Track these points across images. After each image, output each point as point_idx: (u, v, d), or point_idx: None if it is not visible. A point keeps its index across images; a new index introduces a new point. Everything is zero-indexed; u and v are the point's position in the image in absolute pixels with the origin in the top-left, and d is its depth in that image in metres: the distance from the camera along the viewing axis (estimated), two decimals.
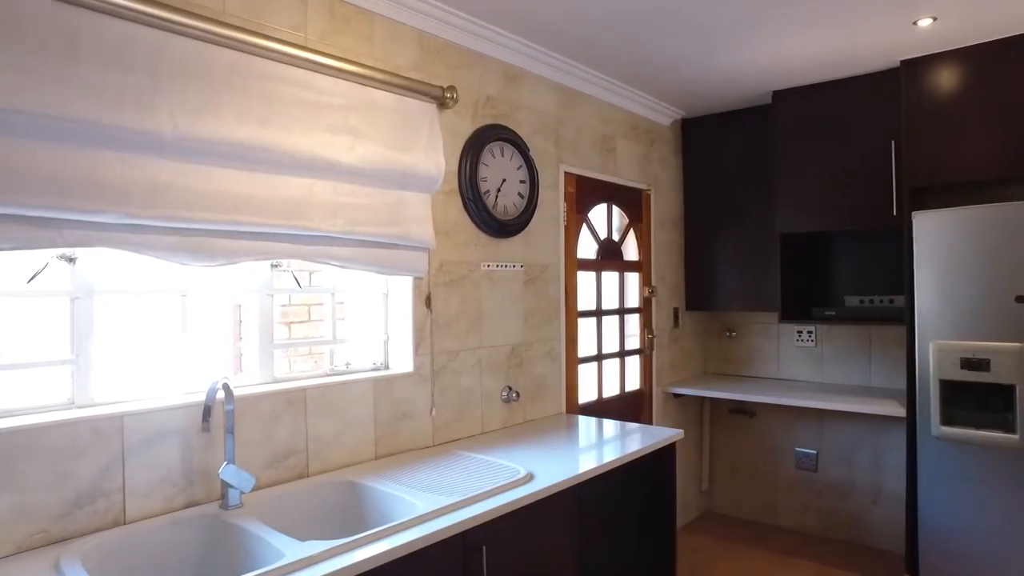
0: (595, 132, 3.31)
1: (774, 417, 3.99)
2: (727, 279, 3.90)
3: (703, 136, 3.99)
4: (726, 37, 2.77)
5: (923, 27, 2.70)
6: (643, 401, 3.67)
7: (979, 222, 2.74)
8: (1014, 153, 2.80)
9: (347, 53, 2.15)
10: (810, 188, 3.42)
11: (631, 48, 2.88)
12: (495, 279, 2.69)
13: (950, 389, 2.83)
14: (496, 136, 2.65)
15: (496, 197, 2.66)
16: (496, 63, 2.72)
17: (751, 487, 4.10)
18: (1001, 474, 2.70)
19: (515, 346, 2.78)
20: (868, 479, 3.68)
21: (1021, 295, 2.65)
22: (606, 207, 3.43)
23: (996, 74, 2.84)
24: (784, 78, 3.33)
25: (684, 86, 3.43)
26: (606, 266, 3.39)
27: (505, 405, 2.73)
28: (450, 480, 1.95)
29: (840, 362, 3.77)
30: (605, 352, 3.39)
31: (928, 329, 2.86)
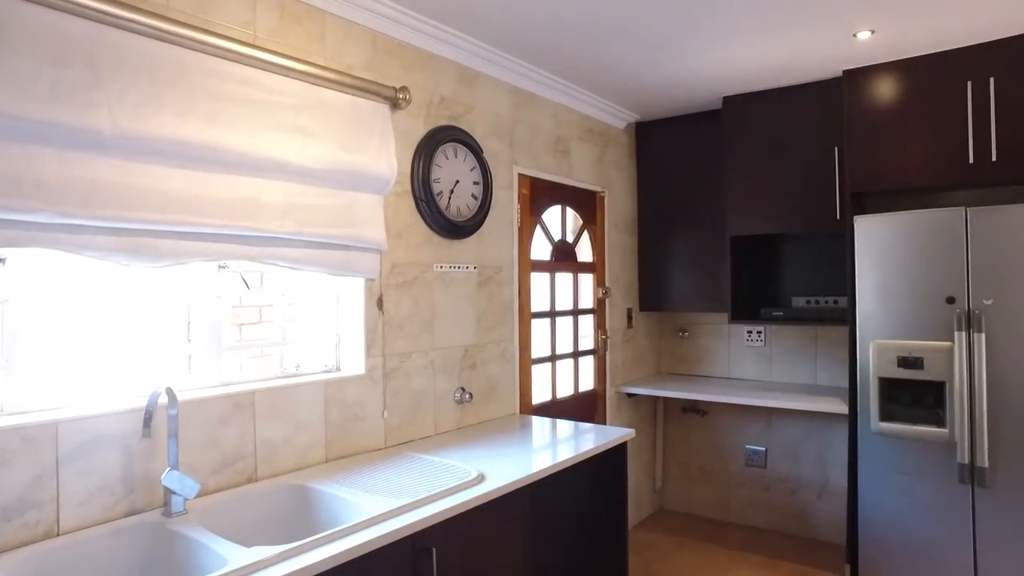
0: (550, 134, 3.33)
1: (725, 415, 4.08)
2: (680, 280, 3.97)
3: (657, 139, 4.05)
4: (677, 44, 2.82)
5: (862, 39, 2.80)
6: (597, 401, 3.71)
7: (914, 227, 2.85)
8: (946, 162, 2.92)
9: (298, 52, 2.12)
10: (759, 191, 3.51)
11: (584, 52, 2.91)
12: (448, 280, 2.69)
13: (888, 386, 2.93)
14: (449, 137, 2.65)
15: (449, 198, 2.66)
16: (450, 64, 2.72)
17: (703, 484, 4.18)
18: (933, 467, 2.81)
19: (468, 347, 2.79)
20: (814, 474, 3.79)
21: (951, 296, 2.76)
22: (560, 209, 3.45)
23: (930, 86, 2.96)
24: (734, 84, 3.41)
25: (638, 90, 3.48)
26: (560, 267, 3.42)
27: (458, 406, 2.73)
28: (401, 482, 1.94)
29: (788, 361, 3.88)
30: (559, 353, 3.41)
31: (868, 329, 2.96)
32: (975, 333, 2.72)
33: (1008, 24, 2.68)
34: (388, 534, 1.59)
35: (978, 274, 2.72)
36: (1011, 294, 2.66)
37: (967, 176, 2.88)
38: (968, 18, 2.60)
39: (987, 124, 2.83)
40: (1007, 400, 2.67)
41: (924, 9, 2.51)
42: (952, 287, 2.77)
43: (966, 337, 2.74)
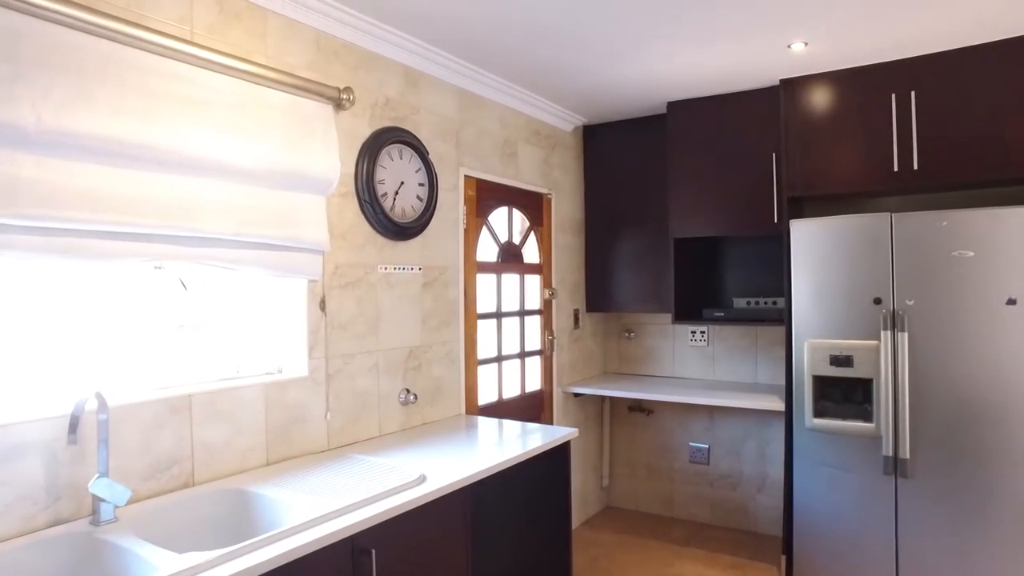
0: (496, 136, 3.36)
1: (670, 414, 4.17)
2: (625, 281, 4.04)
3: (604, 142, 4.12)
4: (622, 49, 2.88)
5: (796, 51, 2.90)
6: (544, 401, 3.75)
7: (844, 231, 2.97)
8: (874, 169, 3.05)
9: (237, 50, 2.09)
10: (701, 195, 3.60)
11: (531, 55, 2.94)
12: (392, 282, 2.68)
13: (821, 384, 3.05)
14: (394, 138, 2.64)
15: (394, 200, 2.65)
16: (395, 65, 2.72)
17: (649, 481, 4.27)
18: (861, 460, 2.94)
19: (413, 348, 2.79)
20: (754, 469, 3.91)
21: (878, 297, 2.89)
22: (507, 210, 3.48)
23: (859, 98, 3.09)
24: (678, 90, 3.49)
25: (585, 93, 3.53)
26: (506, 269, 3.45)
27: (403, 407, 2.73)
28: (342, 484, 1.93)
29: (730, 360, 3.99)
30: (505, 353, 3.44)
31: (803, 329, 3.07)
32: (899, 332, 2.85)
33: (927, 42, 2.82)
34: (326, 536, 1.59)
35: (902, 276, 2.86)
36: (931, 295, 2.80)
37: (892, 183, 3.02)
38: (891, 35, 2.73)
39: (909, 135, 2.97)
40: (927, 395, 2.81)
41: (852, 24, 2.62)
42: (879, 289, 2.90)
43: (891, 336, 2.87)
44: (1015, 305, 2.68)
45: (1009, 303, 2.69)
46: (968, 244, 2.75)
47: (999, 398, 2.70)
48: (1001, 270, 2.69)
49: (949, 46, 2.89)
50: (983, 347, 2.72)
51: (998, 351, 2.70)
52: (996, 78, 2.83)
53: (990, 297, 2.71)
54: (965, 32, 2.75)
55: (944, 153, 2.92)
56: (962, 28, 2.70)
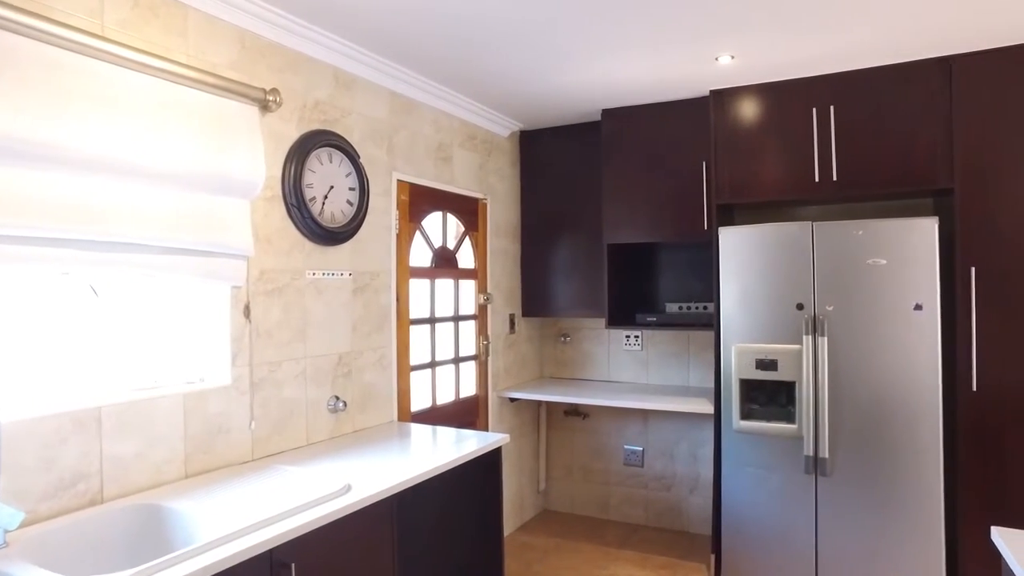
0: (431, 141, 3.34)
1: (605, 418, 4.22)
2: (561, 286, 4.07)
3: (540, 148, 4.14)
4: (556, 57, 2.90)
5: (724, 64, 2.99)
6: (479, 406, 3.74)
7: (769, 238, 3.07)
8: (796, 179, 3.17)
9: (154, 47, 2.01)
10: (634, 202, 3.66)
11: (465, 60, 2.94)
12: (321, 287, 2.63)
13: (748, 387, 3.14)
14: (324, 142, 2.59)
15: (323, 204, 2.60)
16: (325, 67, 2.67)
17: (585, 484, 4.31)
18: (784, 460, 3.04)
19: (343, 355, 2.74)
20: (687, 471, 3.99)
21: (800, 303, 3.00)
22: (441, 215, 3.46)
23: (783, 110, 3.20)
24: (613, 98, 3.54)
25: (520, 100, 3.54)
26: (440, 274, 3.43)
27: (332, 415, 2.67)
28: (263, 496, 1.88)
29: (663, 364, 4.07)
30: (439, 359, 3.42)
31: (731, 333, 3.16)
32: (819, 337, 2.96)
33: (844, 60, 2.94)
34: (243, 551, 1.54)
35: (822, 283, 2.97)
36: (848, 301, 2.92)
37: (814, 193, 3.14)
38: (812, 52, 2.84)
39: (829, 147, 3.10)
40: (844, 396, 2.93)
41: (775, 41, 2.71)
42: (801, 295, 3.01)
43: (812, 341, 2.98)
44: (921, 311, 2.82)
45: (916, 308, 2.83)
46: (881, 252, 2.88)
47: (908, 398, 2.83)
48: (910, 277, 2.83)
49: (864, 65, 3.02)
50: (894, 350, 2.85)
51: (907, 354, 2.83)
52: (903, 97, 2.98)
53: (900, 303, 2.85)
54: (877, 53, 2.88)
55: (860, 165, 3.06)
56: (874, 49, 2.83)
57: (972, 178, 2.87)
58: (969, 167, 2.88)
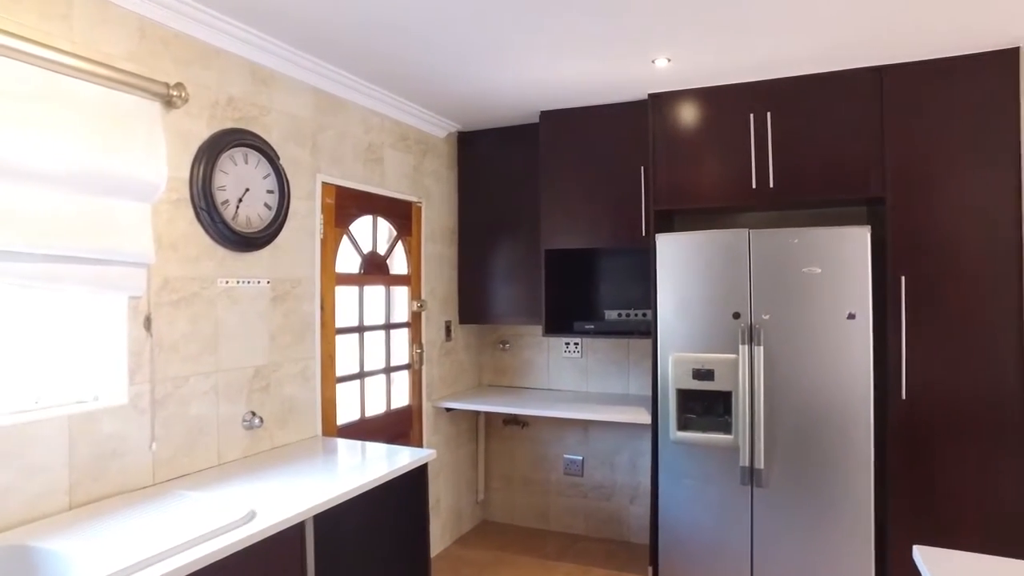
0: (360, 141, 3.19)
1: (545, 427, 4.14)
2: (500, 292, 3.96)
3: (479, 150, 4.03)
4: (491, 56, 2.79)
5: (661, 67, 2.93)
6: (412, 417, 3.60)
7: (706, 246, 3.02)
8: (734, 186, 3.14)
9: (32, 32, 1.82)
10: (572, 207, 3.58)
11: (396, 59, 2.80)
12: (236, 296, 2.46)
13: (685, 397, 3.09)
14: (238, 141, 2.43)
15: (237, 208, 2.43)
16: (240, 61, 2.50)
17: (525, 494, 4.21)
18: (721, 471, 3.00)
19: (260, 368, 2.57)
20: (627, 480, 3.93)
21: (737, 312, 2.96)
22: (371, 219, 3.32)
23: (721, 115, 3.17)
24: (551, 99, 3.45)
25: (457, 100, 3.43)
26: (370, 280, 3.28)
27: (248, 432, 2.50)
28: (155, 527, 1.71)
29: (603, 372, 4.00)
30: (369, 369, 3.27)
31: (668, 342, 3.10)
32: (755, 346, 2.93)
33: (781, 67, 2.92)
34: None
35: (759, 291, 2.94)
36: (784, 310, 2.89)
37: (751, 200, 3.11)
38: (749, 57, 2.80)
39: (766, 154, 3.07)
40: (780, 407, 2.90)
41: (711, 45, 2.66)
42: (738, 303, 2.97)
43: (748, 350, 2.94)
44: (855, 319, 2.81)
45: (849, 317, 2.82)
46: (816, 261, 2.87)
47: (841, 407, 2.82)
48: (843, 286, 2.82)
49: (800, 72, 3.00)
50: (828, 359, 2.84)
51: (840, 363, 2.82)
52: (838, 106, 2.98)
53: (834, 312, 2.84)
54: (813, 60, 2.86)
55: (796, 173, 3.04)
56: (810, 57, 2.81)
57: (903, 187, 2.88)
58: (900, 176, 2.88)
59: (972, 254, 2.78)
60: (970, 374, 2.77)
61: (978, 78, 2.78)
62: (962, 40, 2.67)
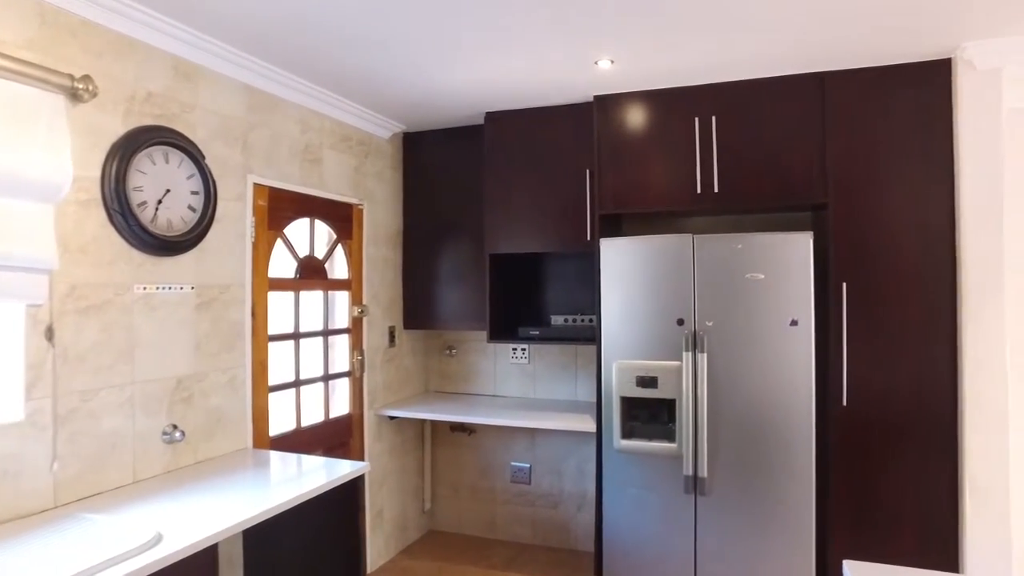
0: (296, 141, 3.06)
1: (491, 434, 4.06)
2: (447, 297, 3.87)
3: (425, 151, 3.93)
4: (434, 55, 2.70)
5: (604, 68, 2.87)
6: (353, 426, 3.48)
7: (650, 251, 2.98)
8: (679, 190, 3.10)
9: None
10: (517, 210, 3.51)
11: (335, 57, 2.70)
12: (155, 303, 2.32)
13: (629, 405, 3.04)
14: (157, 139, 2.29)
15: (157, 209, 2.30)
16: (161, 55, 2.36)
17: (472, 503, 4.13)
18: (665, 480, 2.96)
19: (183, 378, 2.43)
20: (574, 488, 3.88)
21: (681, 318, 2.93)
22: (309, 222, 3.19)
23: (666, 119, 3.13)
24: (497, 100, 3.37)
25: (401, 100, 3.32)
26: (307, 285, 3.16)
27: (168, 447, 2.37)
28: (48, 557, 1.58)
29: (550, 378, 3.94)
30: (306, 377, 3.15)
31: (612, 349, 3.05)
32: (699, 353, 2.90)
33: (726, 70, 2.89)
34: None
35: (703, 297, 2.91)
36: (728, 316, 2.87)
37: (696, 204, 3.08)
38: (693, 60, 2.76)
39: (711, 158, 3.04)
40: (723, 415, 2.87)
41: (654, 47, 2.62)
42: (682, 310, 2.93)
43: (692, 357, 2.91)
44: (797, 326, 2.80)
45: (792, 324, 2.80)
46: (759, 267, 2.85)
47: (783, 415, 2.80)
48: (786, 292, 2.81)
49: (745, 76, 2.99)
50: (771, 367, 2.82)
51: (783, 370, 2.81)
52: (781, 111, 2.97)
53: (777, 318, 2.82)
54: (757, 65, 2.84)
55: (740, 177, 3.02)
56: (754, 61, 2.79)
57: (844, 194, 2.88)
58: (841, 183, 2.88)
59: (910, 260, 2.79)
60: (908, 379, 2.78)
61: (915, 87, 2.80)
62: (899, 49, 2.68)
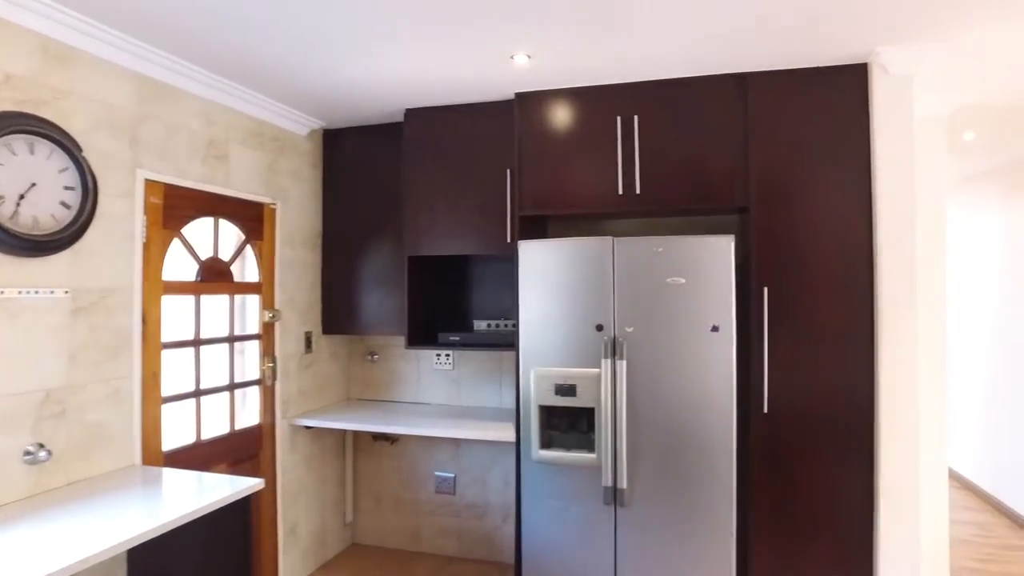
0: (199, 136, 2.87)
1: (415, 443, 3.91)
2: (369, 301, 3.71)
3: (347, 149, 3.77)
4: (346, 46, 2.55)
5: (521, 64, 2.77)
6: (263, 437, 3.29)
7: (569, 254, 2.89)
8: (601, 191, 3.02)
9: None
10: (437, 211, 3.38)
11: (238, 47, 2.54)
12: (16, 309, 2.11)
13: (548, 414, 2.94)
14: (19, 127, 2.08)
15: (18, 206, 2.09)
16: (25, 34, 2.15)
17: (395, 514, 3.97)
18: (584, 491, 2.86)
19: (53, 391, 2.23)
20: (500, 498, 3.76)
21: (600, 324, 2.84)
22: (213, 222, 3.00)
23: (589, 118, 3.04)
24: (418, 96, 3.24)
25: (316, 95, 3.16)
26: (210, 289, 2.96)
27: (31, 468, 2.15)
28: None
29: (475, 384, 3.82)
30: (208, 386, 2.95)
31: (530, 355, 2.95)
32: (618, 360, 2.81)
33: (649, 68, 2.82)
34: None
35: (622, 302, 2.82)
36: (648, 322, 2.79)
37: (618, 206, 3.00)
38: (613, 57, 2.68)
39: (633, 158, 2.97)
40: (643, 423, 2.79)
41: (571, 42, 2.52)
42: (601, 315, 2.85)
43: (611, 364, 2.82)
44: (718, 332, 2.74)
45: (713, 330, 2.74)
46: (680, 271, 2.78)
47: (704, 423, 2.74)
48: (707, 297, 2.74)
49: (667, 76, 2.92)
50: (691, 374, 2.75)
51: (704, 378, 2.74)
52: (704, 111, 2.91)
53: (698, 324, 2.75)
54: (679, 64, 2.78)
55: (663, 179, 2.95)
56: (676, 60, 2.73)
57: (766, 197, 2.84)
58: (763, 186, 2.84)
59: (830, 265, 2.76)
60: (828, 386, 2.75)
61: (834, 90, 2.77)
62: (818, 52, 2.64)
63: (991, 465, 4.95)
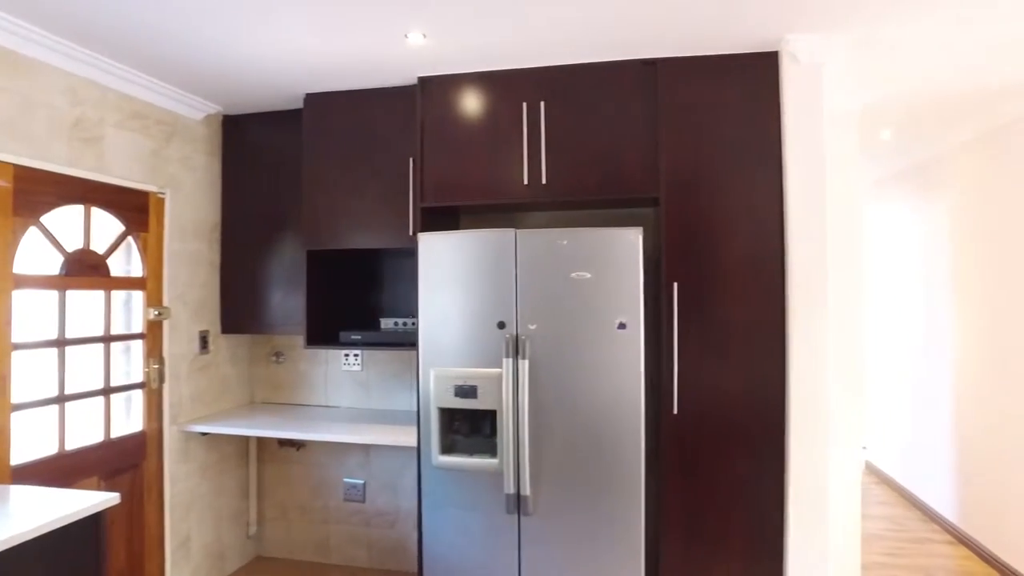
0: (63, 114, 2.61)
1: (322, 449, 3.70)
2: (273, 298, 3.48)
3: (248, 136, 3.53)
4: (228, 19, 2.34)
5: (418, 43, 2.59)
6: (148, 445, 3.04)
7: (470, 247, 2.72)
8: (505, 181, 2.86)
9: None
10: (337, 203, 3.18)
11: (107, 17, 2.29)
12: None
13: (449, 417, 2.77)
14: None
15: None
16: None
17: (303, 524, 3.75)
18: (486, 499, 2.70)
19: None
20: (411, 506, 3.57)
21: (502, 321, 2.68)
22: (83, 210, 2.74)
23: (494, 104, 2.89)
24: (318, 80, 3.04)
25: (207, 75, 2.93)
26: (79, 284, 2.70)
27: None
28: None
29: (385, 386, 3.62)
30: (75, 391, 2.69)
31: (430, 355, 2.77)
32: (521, 359, 2.66)
33: (555, 52, 2.68)
34: None
35: (525, 298, 2.67)
36: (552, 319, 2.65)
37: (523, 196, 2.85)
38: (514, 38, 2.53)
39: (539, 147, 2.82)
40: (547, 426, 2.65)
41: (468, 17, 2.36)
42: (503, 312, 2.69)
43: (513, 364, 2.66)
44: (626, 329, 2.61)
45: (620, 327, 2.61)
46: (586, 265, 2.64)
47: (612, 426, 2.61)
48: (614, 293, 2.61)
49: (574, 61, 2.78)
50: (598, 374, 2.62)
51: (611, 378, 2.61)
52: (613, 98, 2.78)
53: (604, 321, 2.62)
54: (586, 48, 2.65)
55: (570, 169, 2.81)
56: (583, 43, 2.60)
57: (677, 189, 2.72)
58: (673, 177, 2.72)
59: (742, 260, 2.66)
60: (739, 385, 2.65)
61: (746, 78, 2.67)
62: (728, 38, 2.54)
63: (905, 459, 4.99)
